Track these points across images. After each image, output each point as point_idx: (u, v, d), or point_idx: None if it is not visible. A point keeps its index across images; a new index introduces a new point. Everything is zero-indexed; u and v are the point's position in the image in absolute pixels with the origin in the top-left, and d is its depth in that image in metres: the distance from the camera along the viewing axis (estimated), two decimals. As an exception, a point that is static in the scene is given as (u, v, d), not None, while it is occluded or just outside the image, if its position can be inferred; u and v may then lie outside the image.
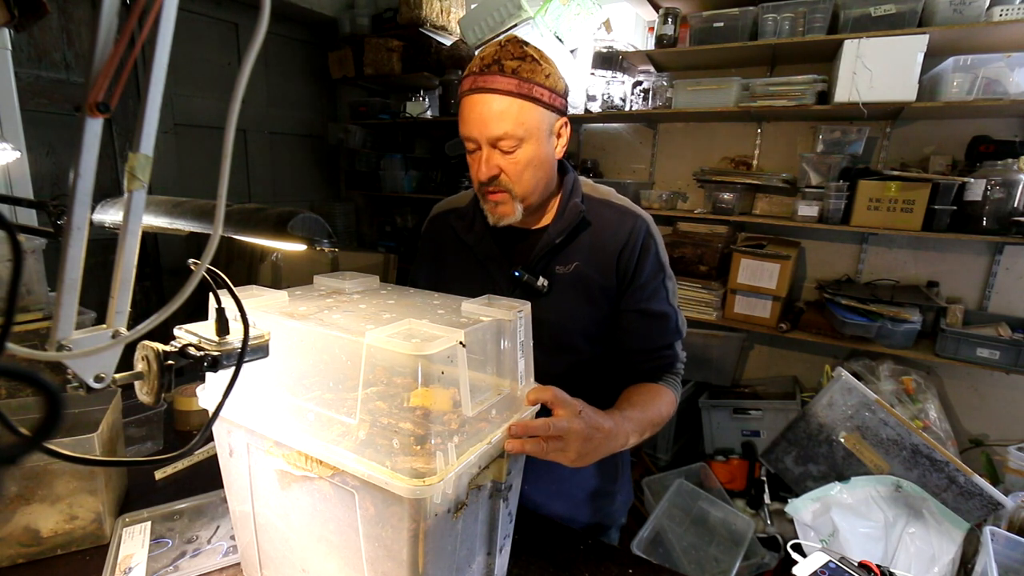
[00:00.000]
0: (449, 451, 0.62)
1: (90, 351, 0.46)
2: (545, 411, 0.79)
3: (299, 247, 0.58)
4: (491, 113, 0.94)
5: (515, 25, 2.33)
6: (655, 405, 1.00)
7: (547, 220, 1.09)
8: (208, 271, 0.52)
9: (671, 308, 1.09)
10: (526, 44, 0.97)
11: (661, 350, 1.08)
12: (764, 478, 2.12)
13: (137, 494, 1.09)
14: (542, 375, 0.83)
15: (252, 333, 0.58)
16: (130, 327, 0.49)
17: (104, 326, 0.48)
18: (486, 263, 1.10)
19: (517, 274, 1.04)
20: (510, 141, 0.95)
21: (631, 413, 0.93)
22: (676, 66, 2.71)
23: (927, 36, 1.90)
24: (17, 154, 1.49)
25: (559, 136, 1.03)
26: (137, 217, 0.47)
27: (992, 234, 1.99)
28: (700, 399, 2.55)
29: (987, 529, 1.40)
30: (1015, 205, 1.95)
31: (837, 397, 1.73)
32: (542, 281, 1.05)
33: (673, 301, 1.10)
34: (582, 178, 1.14)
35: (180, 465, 1.19)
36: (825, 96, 2.19)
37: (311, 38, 3.57)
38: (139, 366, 0.54)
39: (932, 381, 2.25)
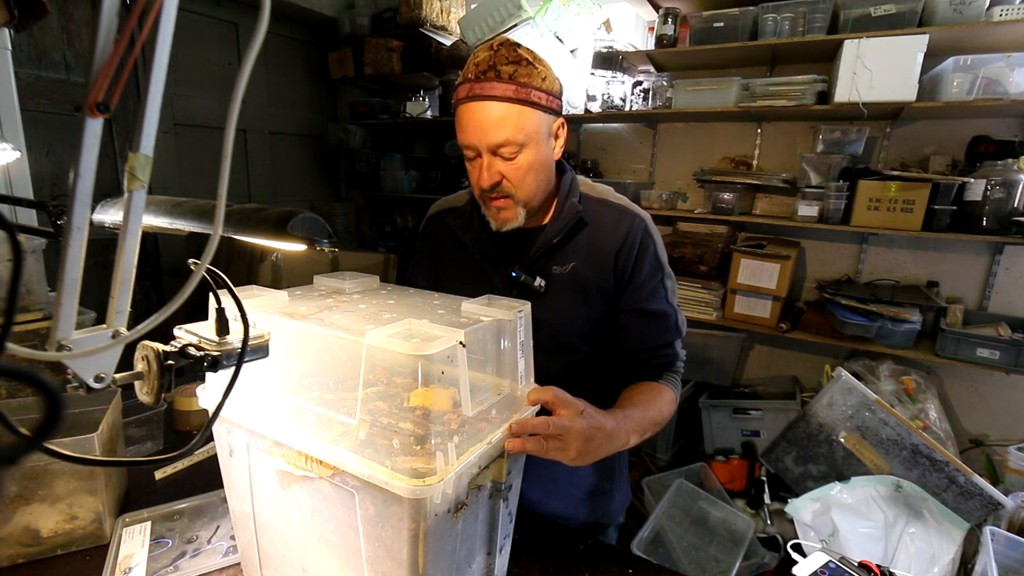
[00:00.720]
0: (449, 451, 0.62)
1: (90, 351, 0.46)
2: (546, 411, 0.79)
3: (299, 247, 0.58)
4: (490, 120, 0.93)
5: (515, 25, 2.33)
6: (656, 404, 1.00)
7: (544, 220, 1.09)
8: (208, 271, 0.52)
9: (670, 307, 1.09)
10: (519, 47, 0.97)
11: (661, 349, 1.08)
12: (764, 478, 2.12)
13: (137, 494, 1.10)
14: (540, 375, 0.83)
15: (252, 333, 0.58)
16: (130, 327, 0.49)
17: (104, 326, 0.48)
18: (483, 263, 1.10)
19: (514, 275, 1.04)
20: (511, 147, 0.95)
21: (632, 412, 0.93)
22: (676, 66, 2.71)
23: (927, 36, 1.90)
24: (17, 154, 1.49)
25: (557, 137, 1.03)
26: (137, 217, 0.47)
27: (992, 234, 1.99)
28: (700, 399, 2.55)
29: (987, 529, 1.40)
30: (1015, 205, 1.95)
31: (837, 397, 1.73)
32: (539, 281, 1.04)
33: (672, 300, 1.10)
34: (580, 177, 1.13)
35: (180, 465, 1.19)
36: (825, 96, 2.19)
37: (311, 38, 3.57)
38: (139, 366, 0.54)
39: (932, 381, 2.25)
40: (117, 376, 0.50)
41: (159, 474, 1.16)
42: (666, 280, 1.09)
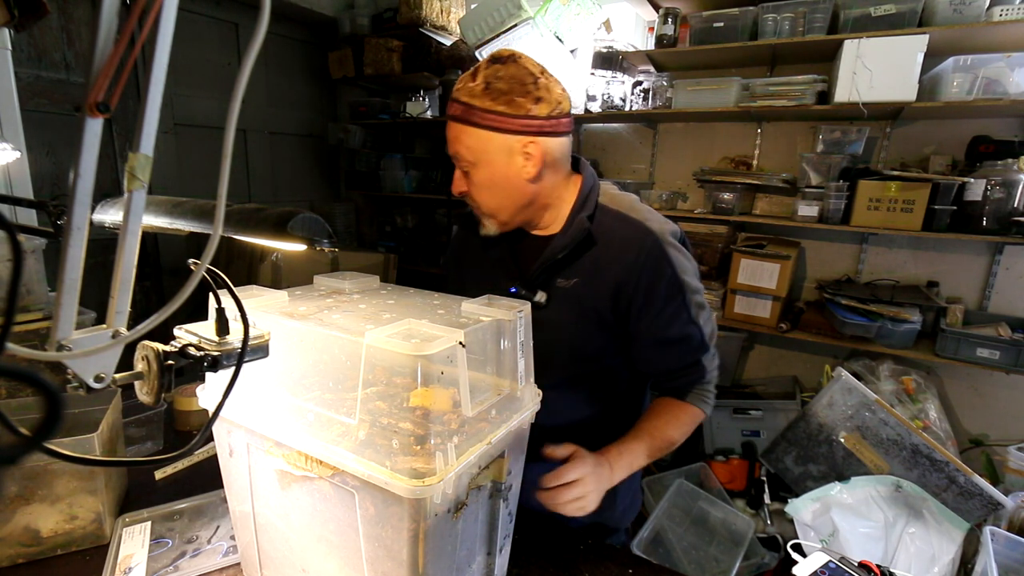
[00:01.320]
0: (449, 451, 0.62)
1: (90, 351, 0.46)
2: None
3: (299, 247, 0.58)
4: (449, 137, 1.00)
5: (515, 25, 2.33)
6: (671, 426, 1.04)
7: (555, 229, 1.08)
8: (208, 271, 0.52)
9: (694, 326, 1.04)
10: (502, 67, 0.94)
11: (686, 369, 1.06)
12: (764, 478, 2.12)
13: (137, 494, 1.10)
14: None
15: (252, 333, 0.58)
16: (130, 327, 0.49)
17: (104, 326, 0.48)
18: (496, 267, 1.12)
19: (513, 291, 1.05)
20: (463, 163, 0.99)
21: (631, 445, 1.00)
22: (676, 66, 2.71)
23: (927, 36, 1.90)
24: (17, 154, 1.49)
25: (528, 156, 0.97)
26: (137, 217, 0.47)
27: (992, 234, 1.99)
28: (700, 399, 2.55)
29: (987, 529, 1.40)
30: (1015, 205, 1.95)
31: (837, 397, 1.73)
32: (540, 296, 1.04)
33: (697, 317, 1.05)
34: (605, 185, 1.10)
35: (180, 465, 1.19)
36: (825, 96, 2.19)
37: (311, 38, 3.57)
38: (139, 366, 0.54)
39: (932, 381, 2.24)
40: (117, 376, 0.50)
41: (159, 474, 1.16)
42: (689, 298, 1.03)
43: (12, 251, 0.36)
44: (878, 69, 1.97)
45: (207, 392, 0.76)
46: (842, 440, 1.71)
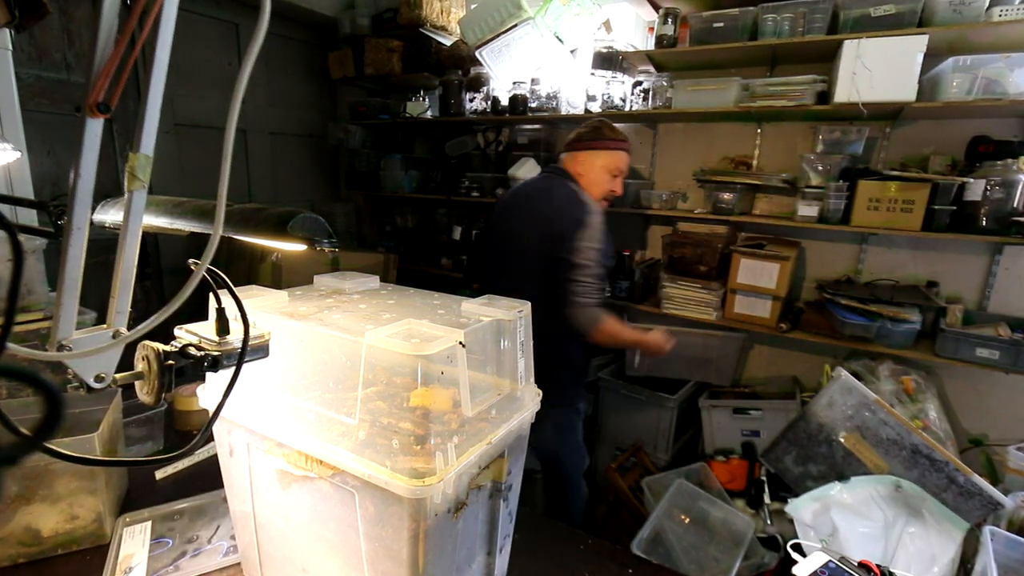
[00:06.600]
0: (449, 451, 0.62)
1: (91, 351, 0.47)
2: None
3: (299, 247, 0.58)
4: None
5: (515, 26, 2.33)
6: None
7: None
8: (208, 271, 0.52)
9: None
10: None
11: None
12: (764, 478, 2.12)
13: (138, 494, 1.10)
14: None
15: (252, 333, 0.59)
16: (131, 327, 0.49)
17: (104, 326, 0.48)
18: None
19: None
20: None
21: None
22: (676, 66, 2.71)
23: (927, 36, 1.90)
24: (18, 154, 1.49)
25: None
26: (137, 217, 0.47)
27: (991, 234, 1.99)
28: (700, 399, 2.55)
29: (987, 529, 1.40)
30: (1014, 205, 1.95)
31: (837, 397, 1.73)
32: None
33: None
34: None
35: (180, 465, 1.20)
36: (825, 96, 2.18)
37: (311, 38, 3.57)
38: (139, 366, 0.55)
39: (932, 381, 2.24)
40: (117, 376, 0.50)
41: (160, 474, 1.16)
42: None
43: (13, 251, 0.36)
44: (878, 69, 1.97)
45: (207, 392, 0.77)
46: (842, 440, 1.71)
